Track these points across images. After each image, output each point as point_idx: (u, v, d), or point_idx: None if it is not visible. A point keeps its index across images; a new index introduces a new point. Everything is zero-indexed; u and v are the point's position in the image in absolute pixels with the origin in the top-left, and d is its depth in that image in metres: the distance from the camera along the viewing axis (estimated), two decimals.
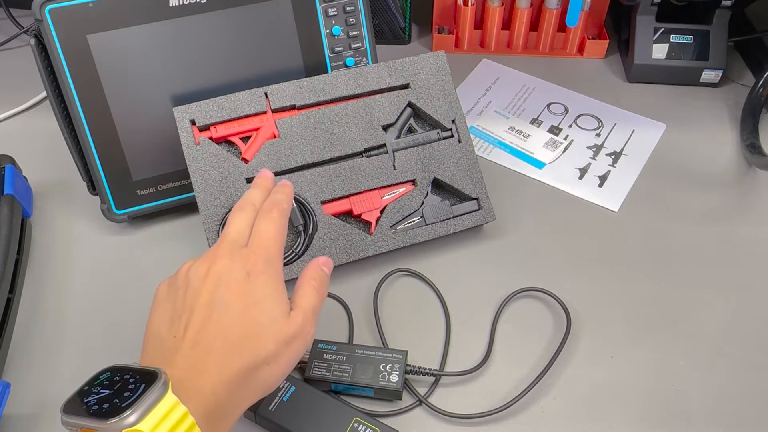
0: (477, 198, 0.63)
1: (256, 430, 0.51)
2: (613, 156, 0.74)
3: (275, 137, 0.61)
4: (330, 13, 0.65)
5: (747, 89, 0.78)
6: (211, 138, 0.60)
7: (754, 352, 0.56)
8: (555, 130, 0.77)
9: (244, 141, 0.61)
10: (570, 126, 0.78)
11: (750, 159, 0.72)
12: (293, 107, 0.62)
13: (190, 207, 0.65)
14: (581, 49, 0.87)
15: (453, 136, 0.64)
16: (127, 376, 0.37)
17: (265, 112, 0.62)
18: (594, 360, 0.55)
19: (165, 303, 0.42)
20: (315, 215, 0.60)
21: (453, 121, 0.64)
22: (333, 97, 0.63)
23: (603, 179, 0.71)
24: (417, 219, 0.63)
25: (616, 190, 0.70)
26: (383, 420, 0.50)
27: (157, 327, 0.41)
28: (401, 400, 0.52)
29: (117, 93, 0.61)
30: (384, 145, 0.63)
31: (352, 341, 0.56)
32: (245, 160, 0.60)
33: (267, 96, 0.62)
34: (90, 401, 0.36)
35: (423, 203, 0.63)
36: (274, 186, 0.50)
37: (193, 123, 0.60)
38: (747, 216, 0.67)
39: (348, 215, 0.62)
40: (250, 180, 0.60)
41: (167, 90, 0.62)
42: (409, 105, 0.64)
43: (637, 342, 0.57)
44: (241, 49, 0.63)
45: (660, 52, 0.81)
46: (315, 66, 0.66)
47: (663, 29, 0.82)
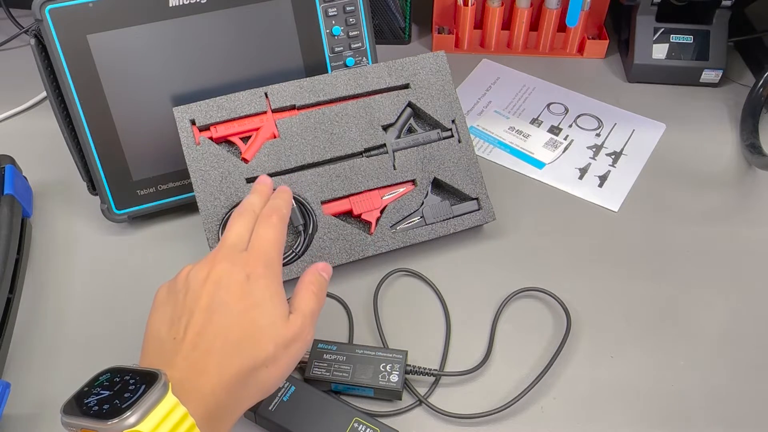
0: (477, 198, 0.63)
1: (256, 430, 0.51)
2: (613, 156, 0.74)
3: (275, 137, 0.61)
4: (330, 13, 0.65)
5: (747, 89, 0.78)
6: (211, 138, 0.60)
7: (754, 352, 0.56)
8: (555, 130, 0.77)
9: (244, 141, 0.61)
10: (570, 126, 0.78)
11: (750, 159, 0.72)
12: (293, 107, 0.62)
13: (190, 207, 0.65)
14: (581, 49, 0.87)
15: (453, 136, 0.64)
16: (128, 377, 0.37)
17: (265, 112, 0.62)
18: (594, 360, 0.55)
19: (164, 306, 0.42)
20: (315, 215, 0.60)
21: (453, 121, 0.64)
22: (333, 97, 0.63)
23: (603, 179, 0.71)
24: (417, 219, 0.63)
25: (616, 190, 0.70)
26: (383, 420, 0.50)
27: (157, 329, 0.41)
28: (401, 400, 0.52)
29: (117, 93, 0.61)
30: (384, 145, 0.63)
31: (352, 341, 0.56)
32: (245, 160, 0.60)
33: (267, 96, 0.62)
34: (90, 402, 0.36)
35: (423, 203, 0.63)
36: (272, 192, 0.50)
37: (193, 123, 0.60)
38: (747, 216, 0.67)
39: (348, 215, 0.62)
40: (250, 180, 0.60)
41: (167, 90, 0.62)
42: (409, 105, 0.64)
43: (637, 342, 0.57)
44: (241, 49, 0.63)
45: (660, 52, 0.81)
46: (315, 66, 0.66)
47: (663, 29, 0.82)
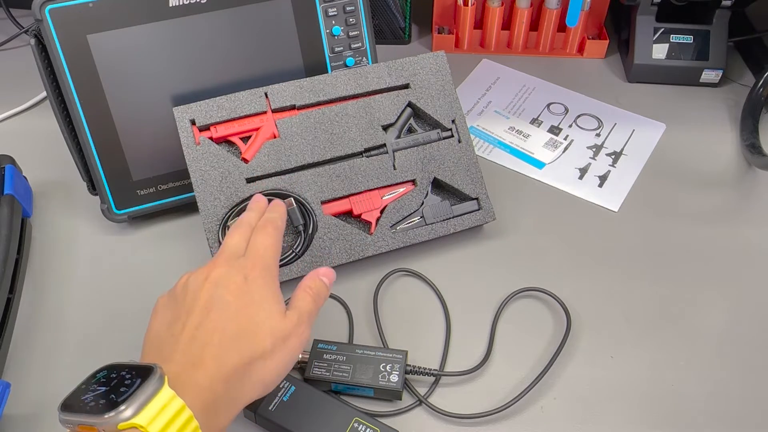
0: (477, 198, 0.63)
1: (256, 430, 0.51)
2: (613, 156, 0.74)
3: (275, 137, 0.61)
4: (330, 13, 0.65)
5: (747, 89, 0.78)
6: (211, 138, 0.60)
7: (754, 352, 0.56)
8: (555, 130, 0.77)
9: (244, 141, 0.61)
10: (570, 126, 0.78)
11: (750, 159, 0.72)
12: (293, 107, 0.62)
13: (190, 207, 0.65)
14: (581, 49, 0.87)
15: (453, 136, 0.64)
16: (124, 372, 0.37)
17: (265, 112, 0.62)
18: (594, 360, 0.55)
19: (164, 310, 0.43)
20: (315, 215, 0.60)
21: (453, 121, 0.64)
22: (333, 97, 0.63)
23: (603, 179, 0.71)
24: (417, 219, 0.63)
25: (616, 190, 0.70)
26: (383, 420, 0.50)
27: (156, 330, 0.42)
28: (401, 400, 0.52)
29: (117, 93, 0.61)
30: (384, 145, 0.63)
31: (352, 341, 0.56)
32: (245, 160, 0.60)
33: (267, 96, 0.62)
34: (87, 398, 0.36)
35: (423, 203, 0.63)
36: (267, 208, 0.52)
37: (193, 123, 0.60)
38: (747, 216, 0.67)
39: (348, 215, 0.62)
40: (250, 180, 0.60)
41: (167, 90, 0.62)
42: (409, 105, 0.64)
43: (637, 342, 0.57)
44: (241, 49, 0.63)
45: (660, 52, 0.81)
46: (315, 66, 0.66)
47: (663, 29, 0.82)
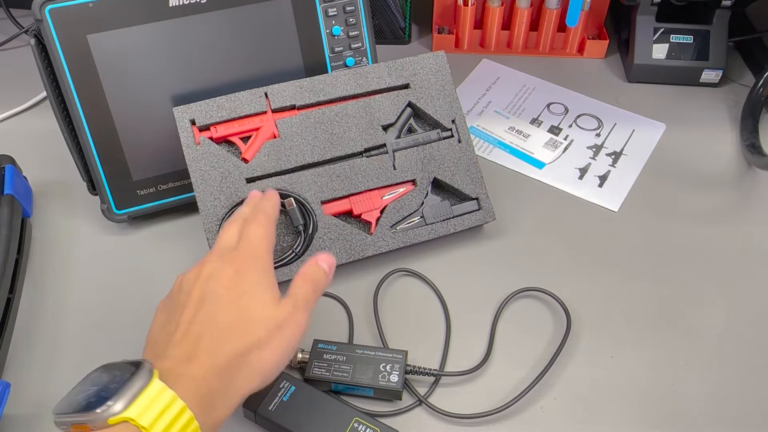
0: (477, 198, 0.63)
1: (256, 430, 0.51)
2: (613, 156, 0.74)
3: (275, 137, 0.61)
4: (330, 13, 0.65)
5: (747, 89, 0.78)
6: (211, 138, 0.60)
7: (754, 352, 0.56)
8: (555, 130, 0.77)
9: (244, 141, 0.61)
10: (570, 126, 0.78)
11: (750, 159, 0.72)
12: (293, 107, 0.62)
13: (190, 207, 0.65)
14: (581, 49, 0.87)
15: (453, 136, 0.64)
16: (115, 370, 0.38)
17: (265, 112, 0.62)
18: (594, 360, 0.55)
19: (161, 313, 0.44)
20: (315, 215, 0.60)
21: (453, 121, 0.64)
22: (333, 97, 0.63)
23: (603, 179, 0.71)
24: (417, 219, 0.63)
25: (616, 190, 0.70)
26: (383, 420, 0.50)
27: (154, 332, 0.43)
28: (401, 400, 0.52)
29: (117, 93, 0.61)
30: (384, 145, 0.63)
31: (352, 341, 0.56)
32: (245, 160, 0.60)
33: (267, 96, 0.62)
34: (79, 398, 0.36)
35: (423, 203, 0.63)
36: None
37: (193, 123, 0.60)
38: (747, 216, 0.67)
39: (348, 215, 0.62)
40: (250, 180, 0.60)
41: (167, 90, 0.62)
42: (409, 105, 0.64)
43: (637, 342, 0.57)
44: (241, 49, 0.63)
45: (660, 52, 0.81)
46: (315, 66, 0.66)
47: (663, 29, 0.82)
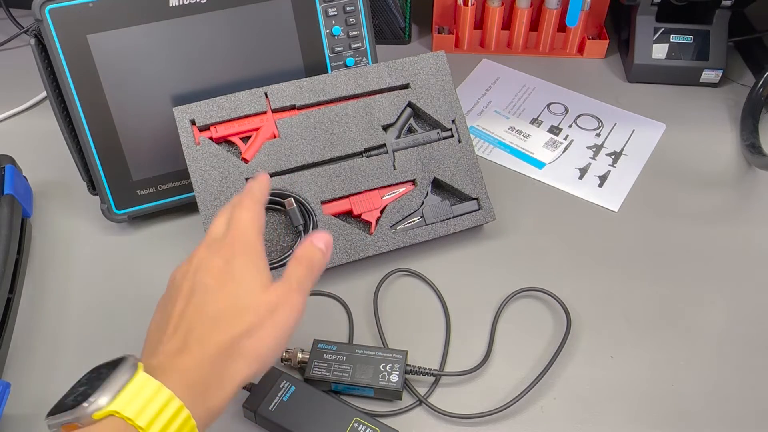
0: (477, 198, 0.63)
1: (256, 430, 0.51)
2: (613, 156, 0.74)
3: (275, 137, 0.61)
4: (330, 13, 0.65)
5: (747, 89, 0.78)
6: (211, 138, 0.60)
7: (754, 352, 0.56)
8: (555, 130, 0.77)
9: (244, 141, 0.61)
10: (570, 126, 0.78)
11: (750, 159, 0.72)
12: (293, 107, 0.62)
13: (190, 207, 0.65)
14: (581, 49, 0.87)
15: (453, 136, 0.64)
16: (102, 369, 0.38)
17: (265, 112, 0.62)
18: (594, 360, 0.55)
19: (157, 311, 0.44)
20: (315, 215, 0.60)
21: (453, 121, 0.64)
22: (333, 97, 0.63)
23: (603, 179, 0.71)
24: (417, 219, 0.63)
25: (616, 190, 0.70)
26: (383, 420, 0.50)
27: (150, 330, 0.43)
28: (401, 400, 0.52)
29: (117, 93, 0.61)
30: (384, 145, 0.63)
31: (352, 341, 0.56)
32: (245, 160, 0.60)
33: (267, 96, 0.62)
34: (68, 400, 0.37)
35: (423, 203, 0.63)
36: None
37: (193, 123, 0.60)
38: (747, 216, 0.67)
39: (348, 215, 0.62)
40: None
41: (167, 90, 0.62)
42: (409, 105, 0.64)
43: (637, 342, 0.57)
44: (241, 49, 0.63)
45: (660, 52, 0.81)
46: (315, 66, 0.66)
47: (663, 29, 0.82)
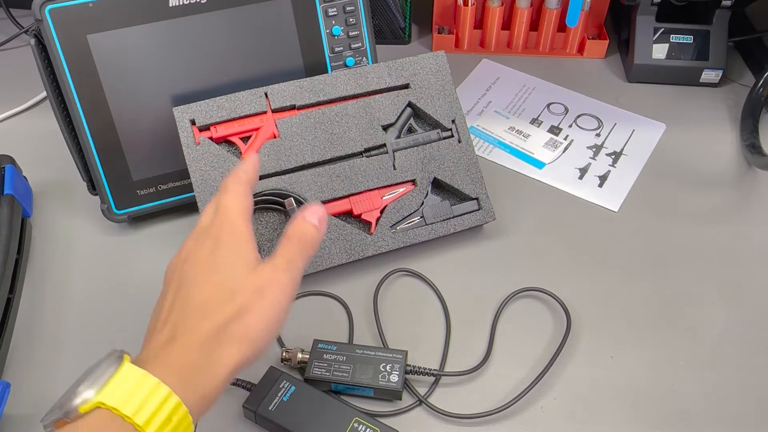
0: (477, 198, 0.63)
1: (256, 430, 0.51)
2: (613, 156, 0.74)
3: (275, 137, 0.61)
4: (330, 13, 0.65)
5: (747, 89, 0.78)
6: (211, 138, 0.60)
7: (753, 352, 0.56)
8: (555, 130, 0.77)
9: (244, 141, 0.61)
10: (570, 126, 0.78)
11: (750, 159, 0.72)
12: (293, 107, 0.62)
13: (190, 207, 0.65)
14: (581, 49, 0.87)
15: (453, 136, 0.64)
16: (91, 366, 0.38)
17: (265, 112, 0.62)
18: (594, 360, 0.55)
19: (153, 309, 0.43)
20: None
21: (453, 121, 0.64)
22: (333, 97, 0.63)
23: (603, 179, 0.71)
24: (417, 219, 0.63)
25: (616, 190, 0.70)
26: (383, 420, 0.50)
27: (148, 327, 0.42)
28: (401, 400, 0.52)
29: (117, 93, 0.61)
30: (384, 145, 0.63)
31: (352, 341, 0.56)
32: None
33: (267, 96, 0.62)
34: (60, 399, 0.36)
35: (423, 203, 0.63)
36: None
37: (193, 123, 0.60)
38: (747, 216, 0.67)
39: (348, 215, 0.62)
40: None
41: (167, 90, 0.62)
42: (409, 105, 0.64)
43: (637, 342, 0.57)
44: (241, 49, 0.63)
45: (660, 52, 0.81)
46: (315, 66, 0.66)
47: (663, 29, 0.82)
